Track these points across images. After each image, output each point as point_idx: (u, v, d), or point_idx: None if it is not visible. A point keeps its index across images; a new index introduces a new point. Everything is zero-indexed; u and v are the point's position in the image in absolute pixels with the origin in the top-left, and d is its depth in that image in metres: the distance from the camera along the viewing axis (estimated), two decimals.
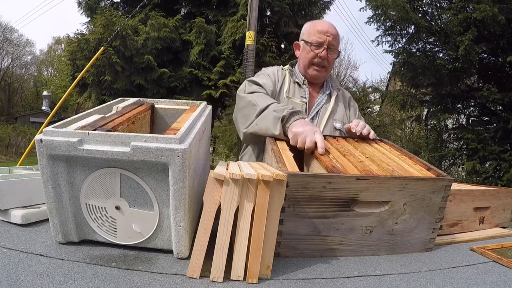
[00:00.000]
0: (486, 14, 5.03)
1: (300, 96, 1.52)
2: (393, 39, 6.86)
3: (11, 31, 25.14)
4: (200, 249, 0.72)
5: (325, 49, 1.47)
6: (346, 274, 0.79)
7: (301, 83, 1.54)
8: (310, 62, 1.50)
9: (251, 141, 1.46)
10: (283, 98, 1.51)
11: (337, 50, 1.52)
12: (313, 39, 1.48)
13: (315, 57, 1.48)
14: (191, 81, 8.10)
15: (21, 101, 27.48)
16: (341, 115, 1.55)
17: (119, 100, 1.21)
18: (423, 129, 8.43)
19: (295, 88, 1.54)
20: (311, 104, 1.53)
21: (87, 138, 0.75)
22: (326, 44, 1.46)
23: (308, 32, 1.52)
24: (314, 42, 1.47)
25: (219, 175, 0.72)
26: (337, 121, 1.53)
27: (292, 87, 1.54)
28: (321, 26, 1.49)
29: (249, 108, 1.34)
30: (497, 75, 6.37)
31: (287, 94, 1.52)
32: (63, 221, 0.81)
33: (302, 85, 1.54)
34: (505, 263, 0.90)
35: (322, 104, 1.54)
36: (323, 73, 1.52)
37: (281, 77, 1.57)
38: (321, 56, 1.47)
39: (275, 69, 1.61)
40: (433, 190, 0.91)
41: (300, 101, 1.51)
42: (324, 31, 1.47)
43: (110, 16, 7.64)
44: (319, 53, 1.47)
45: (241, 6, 7.71)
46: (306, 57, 1.51)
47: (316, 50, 1.48)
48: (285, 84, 1.54)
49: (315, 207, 0.85)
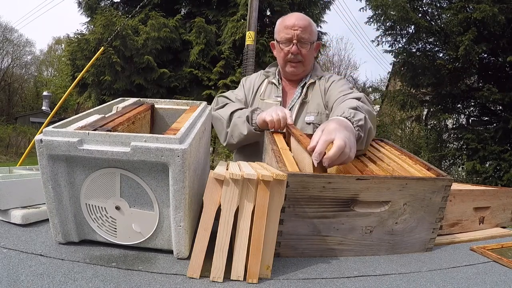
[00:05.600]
0: (486, 14, 5.04)
1: (275, 96, 1.51)
2: (393, 39, 6.87)
3: (11, 31, 25.17)
4: (200, 249, 0.72)
5: (295, 44, 1.41)
6: (346, 274, 0.79)
7: (276, 83, 1.53)
8: (285, 60, 1.46)
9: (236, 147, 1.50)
10: (257, 101, 1.52)
11: (309, 42, 1.43)
12: (282, 36, 1.44)
13: (287, 54, 1.44)
14: (191, 81, 8.10)
15: (21, 101, 27.48)
16: (315, 105, 1.45)
17: (119, 100, 1.21)
18: (423, 129, 8.43)
19: (272, 89, 1.53)
20: (287, 101, 1.52)
21: (87, 138, 0.75)
22: (296, 39, 1.41)
23: (278, 30, 1.48)
24: (283, 39, 1.44)
25: (219, 175, 0.72)
26: (311, 114, 1.44)
27: (268, 89, 1.54)
28: (288, 21, 1.44)
29: (219, 124, 1.41)
30: (497, 75, 6.37)
31: (262, 96, 1.52)
32: (63, 221, 0.81)
33: (278, 84, 1.53)
34: (505, 263, 0.90)
35: (296, 99, 1.49)
36: (300, 68, 1.47)
37: (259, 81, 1.57)
38: (292, 51, 1.42)
39: (254, 76, 1.62)
40: (433, 190, 0.91)
41: (274, 101, 1.49)
42: (291, 25, 1.41)
43: (110, 16, 7.64)
44: (290, 50, 1.42)
45: (241, 6, 7.71)
46: (280, 56, 1.48)
47: (286, 48, 1.43)
48: (262, 87, 1.55)
49: (315, 207, 0.85)
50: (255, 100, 1.54)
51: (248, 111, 1.32)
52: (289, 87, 1.54)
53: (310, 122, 1.42)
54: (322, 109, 1.44)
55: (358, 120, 1.01)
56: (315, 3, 8.93)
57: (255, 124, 1.29)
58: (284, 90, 1.53)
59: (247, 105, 1.54)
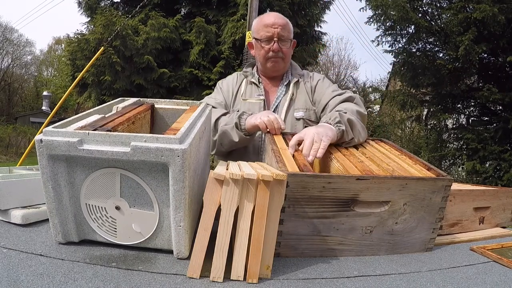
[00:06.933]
0: (486, 14, 5.04)
1: (257, 95, 1.52)
2: (393, 39, 6.86)
3: (11, 31, 25.16)
4: (200, 249, 0.72)
5: (276, 41, 1.44)
6: (346, 274, 0.79)
7: (257, 82, 1.54)
8: (265, 58, 1.49)
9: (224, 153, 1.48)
10: (239, 101, 1.52)
11: (289, 40, 1.48)
12: (262, 34, 1.46)
13: (268, 52, 1.47)
14: (191, 81, 8.09)
15: (21, 101, 27.48)
16: (303, 101, 1.50)
17: (119, 100, 1.21)
18: (423, 129, 8.43)
19: (252, 89, 1.55)
20: (271, 100, 1.53)
21: (87, 138, 0.75)
22: (276, 37, 1.44)
23: (257, 29, 1.50)
24: (264, 38, 1.46)
25: (219, 175, 0.72)
26: (299, 110, 1.49)
27: (248, 89, 1.55)
28: (267, 20, 1.47)
29: None
30: (497, 75, 6.37)
31: (243, 96, 1.53)
32: (63, 221, 0.81)
33: (258, 83, 1.54)
34: (505, 263, 0.90)
35: (282, 96, 1.52)
36: (281, 63, 1.50)
37: (237, 83, 1.58)
38: (274, 49, 1.45)
39: (231, 77, 1.63)
40: (433, 190, 0.91)
41: (256, 100, 1.50)
42: (271, 23, 1.45)
43: (110, 16, 7.63)
44: (270, 47, 1.45)
45: (241, 6, 7.71)
46: (260, 54, 1.50)
47: (267, 46, 1.46)
48: (242, 88, 1.55)
49: (315, 207, 0.85)
50: (237, 101, 1.54)
51: (234, 117, 1.31)
52: (270, 86, 1.57)
53: (300, 117, 1.48)
54: (310, 105, 1.50)
55: (334, 118, 1.18)
56: (315, 3, 8.92)
57: (244, 130, 1.30)
58: (265, 89, 1.56)
59: (228, 107, 1.55)
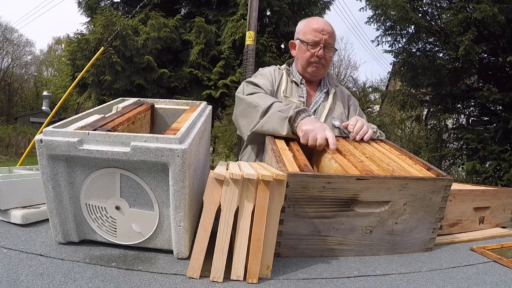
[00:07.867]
0: (486, 14, 5.03)
1: (298, 95, 1.52)
2: (393, 39, 6.85)
3: (11, 31, 25.15)
4: (200, 249, 0.72)
5: (322, 47, 1.45)
6: (346, 274, 0.79)
7: (299, 82, 1.54)
8: (308, 61, 1.49)
9: (256, 141, 1.42)
10: (280, 97, 1.50)
11: (333, 48, 1.50)
12: (309, 38, 1.46)
13: (312, 56, 1.47)
14: (191, 81, 8.10)
15: (21, 101, 27.48)
16: (339, 112, 1.54)
17: (119, 100, 1.21)
18: (423, 129, 8.42)
19: (293, 87, 1.54)
20: (309, 103, 1.53)
21: (87, 138, 0.75)
22: (323, 43, 1.45)
23: (304, 31, 1.50)
24: (310, 41, 1.46)
25: (219, 175, 0.72)
26: (336, 119, 1.51)
27: (289, 87, 1.54)
28: (316, 25, 1.47)
29: (250, 110, 1.32)
30: (497, 75, 6.36)
31: (285, 93, 1.51)
32: (63, 221, 0.81)
33: (299, 84, 1.53)
34: (505, 263, 0.90)
35: (320, 102, 1.53)
36: (321, 70, 1.51)
37: (278, 76, 1.56)
38: (318, 55, 1.45)
39: (271, 69, 1.60)
40: (433, 190, 0.91)
41: (298, 100, 1.50)
42: (320, 29, 1.45)
43: (110, 16, 7.64)
44: (316, 52, 1.45)
45: (241, 6, 7.71)
46: (303, 57, 1.50)
47: (313, 49, 1.46)
48: (282, 84, 1.54)
49: (315, 207, 0.85)
50: (278, 95, 1.52)
51: (291, 109, 1.22)
52: (308, 88, 1.56)
53: (338, 126, 1.49)
54: (345, 118, 1.55)
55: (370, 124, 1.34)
56: (315, 3, 8.92)
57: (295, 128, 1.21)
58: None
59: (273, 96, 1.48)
